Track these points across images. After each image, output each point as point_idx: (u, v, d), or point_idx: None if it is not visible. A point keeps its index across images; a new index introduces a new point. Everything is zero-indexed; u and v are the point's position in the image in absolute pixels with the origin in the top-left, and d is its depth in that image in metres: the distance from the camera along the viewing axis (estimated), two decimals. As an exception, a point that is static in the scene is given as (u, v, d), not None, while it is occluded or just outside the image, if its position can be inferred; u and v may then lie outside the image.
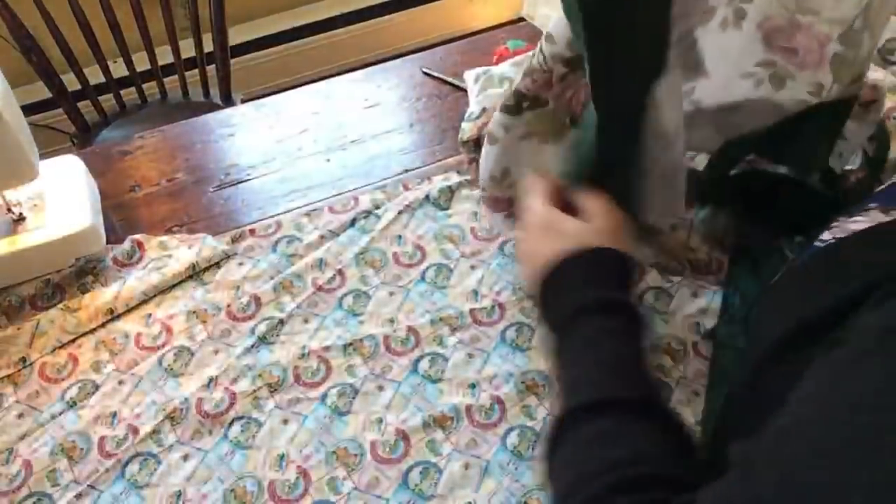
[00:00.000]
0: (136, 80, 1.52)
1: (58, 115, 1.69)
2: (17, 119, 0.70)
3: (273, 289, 0.74)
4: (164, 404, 0.65)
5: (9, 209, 0.77)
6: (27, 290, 0.75)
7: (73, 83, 1.45)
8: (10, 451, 0.62)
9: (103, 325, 0.72)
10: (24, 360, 0.69)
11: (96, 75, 1.47)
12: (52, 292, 0.75)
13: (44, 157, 0.76)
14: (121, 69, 1.49)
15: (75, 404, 0.66)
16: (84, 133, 1.52)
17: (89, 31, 1.40)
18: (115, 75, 1.50)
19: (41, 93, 1.52)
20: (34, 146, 0.73)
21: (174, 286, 0.75)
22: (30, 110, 1.75)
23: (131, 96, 1.56)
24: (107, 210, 0.84)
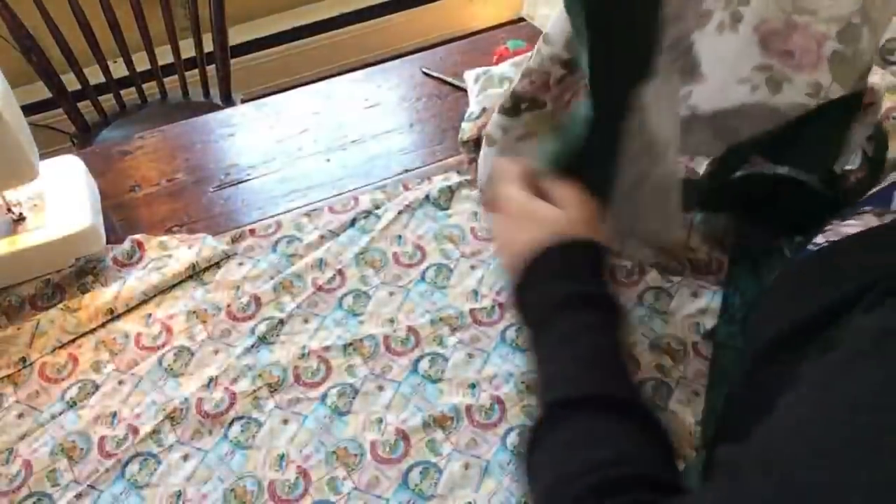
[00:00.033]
0: (136, 80, 1.52)
1: (58, 115, 1.69)
2: (17, 119, 0.70)
3: (273, 289, 0.74)
4: (164, 404, 0.65)
5: (9, 209, 0.77)
6: (27, 290, 0.75)
7: (73, 83, 1.45)
8: (10, 451, 0.62)
9: (103, 325, 0.72)
10: (24, 360, 0.69)
11: (96, 75, 1.47)
12: (52, 292, 0.75)
13: (44, 157, 0.76)
14: (121, 69, 1.49)
15: (75, 404, 0.66)
16: (84, 133, 1.52)
17: (89, 31, 1.40)
18: (115, 75, 1.50)
19: (41, 93, 1.52)
20: (34, 146, 0.73)
21: (174, 286, 0.75)
22: (30, 110, 1.75)
23: (131, 96, 1.56)
24: (107, 210, 0.84)
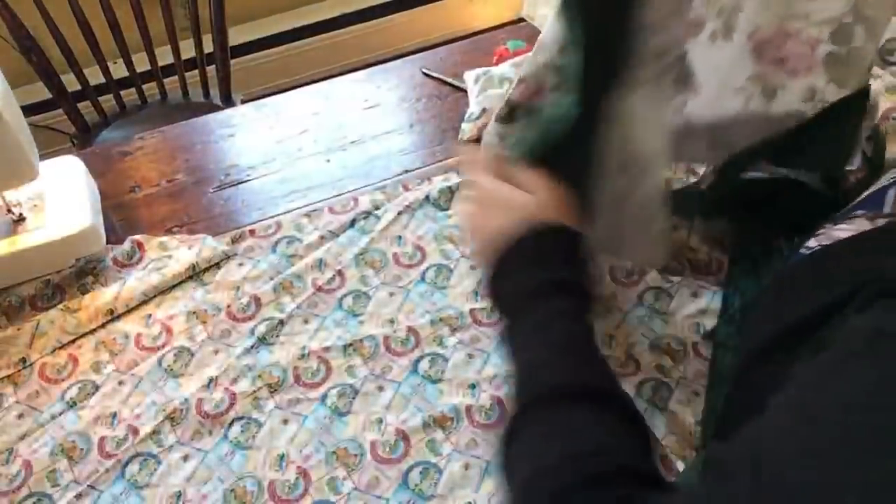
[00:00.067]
0: (136, 80, 1.52)
1: (58, 116, 1.69)
2: (17, 119, 0.70)
3: (273, 289, 0.74)
4: (164, 405, 0.65)
5: (9, 209, 0.77)
6: (27, 291, 0.75)
7: (73, 83, 1.45)
8: (10, 451, 0.62)
9: (103, 326, 0.72)
10: (24, 361, 0.69)
11: (96, 76, 1.47)
12: (52, 293, 0.75)
13: (44, 157, 0.76)
14: (121, 70, 1.49)
15: (75, 405, 0.66)
16: (84, 133, 1.52)
17: (89, 31, 1.40)
18: (115, 76, 1.50)
19: (41, 93, 1.52)
20: (34, 146, 0.73)
21: (174, 287, 0.75)
22: (30, 110, 1.75)
23: (131, 97, 1.56)
24: (107, 210, 0.84)
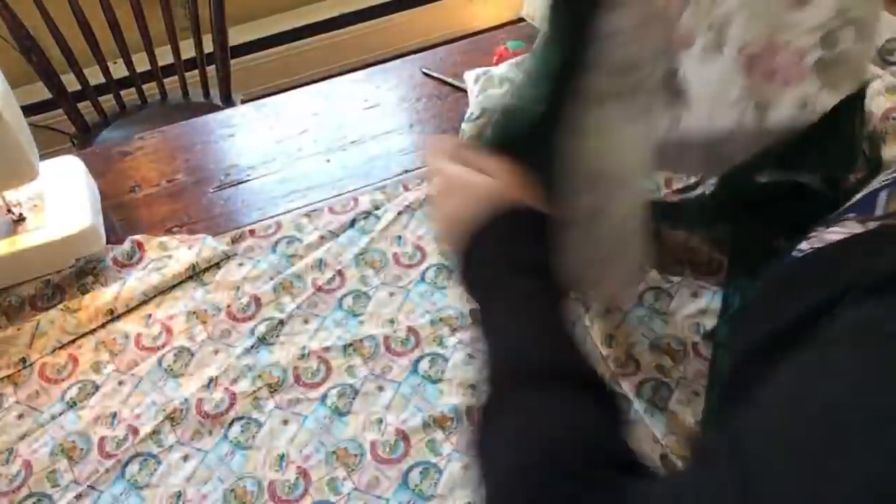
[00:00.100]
0: (136, 80, 1.52)
1: (58, 116, 1.69)
2: (17, 119, 0.70)
3: (273, 289, 0.74)
4: (164, 405, 0.65)
5: (9, 209, 0.77)
6: (27, 291, 0.75)
7: (73, 83, 1.45)
8: (10, 451, 0.62)
9: (103, 326, 0.72)
10: (24, 361, 0.69)
11: (96, 76, 1.47)
12: (52, 293, 0.75)
13: (44, 157, 0.76)
14: (121, 70, 1.49)
15: (75, 405, 0.66)
16: (84, 133, 1.52)
17: (89, 31, 1.40)
18: (115, 76, 1.50)
19: (41, 93, 1.52)
20: (34, 146, 0.73)
21: (174, 287, 0.75)
22: (30, 110, 1.74)
23: (131, 97, 1.56)
24: (107, 210, 0.84)
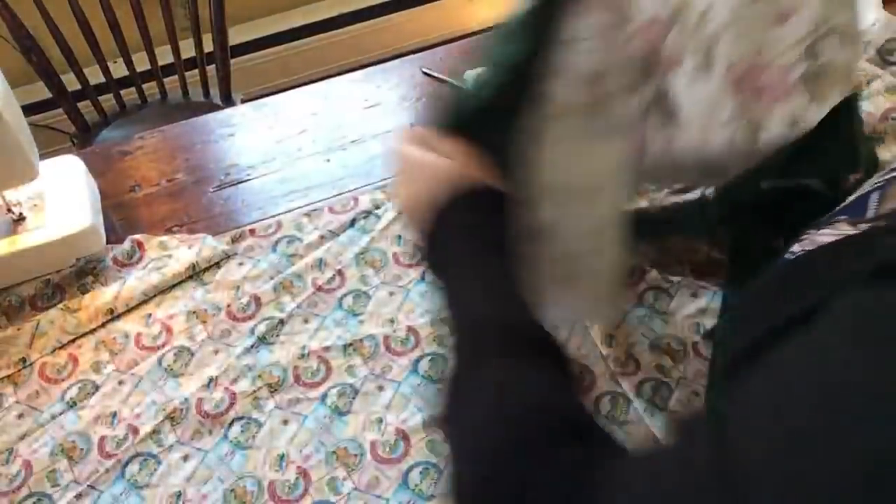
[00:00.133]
0: (136, 80, 1.52)
1: (58, 115, 1.68)
2: (17, 119, 0.70)
3: (273, 289, 0.74)
4: (164, 404, 0.65)
5: (9, 209, 0.77)
6: (27, 291, 0.75)
7: (73, 83, 1.45)
8: (10, 451, 0.62)
9: (103, 326, 0.72)
10: (24, 361, 0.69)
11: (96, 75, 1.47)
12: (52, 292, 0.75)
13: (44, 157, 0.76)
14: (121, 69, 1.49)
15: (75, 404, 0.66)
16: (84, 133, 1.52)
17: (89, 31, 1.40)
18: (115, 75, 1.49)
19: (41, 93, 1.52)
20: (34, 146, 0.73)
21: (174, 286, 0.75)
22: (30, 110, 1.74)
23: (131, 96, 1.55)
24: (107, 210, 0.84)
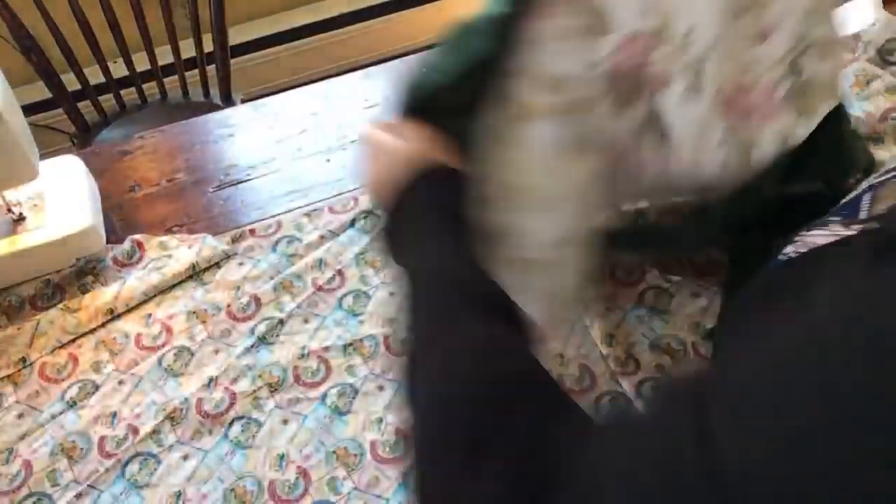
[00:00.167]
0: (136, 80, 1.52)
1: (58, 115, 1.69)
2: (17, 119, 0.70)
3: (273, 289, 0.74)
4: (164, 404, 0.65)
5: (9, 209, 0.77)
6: (27, 290, 0.75)
7: (73, 83, 1.45)
8: (10, 451, 0.62)
9: (103, 325, 0.72)
10: (24, 360, 0.69)
11: (96, 75, 1.47)
12: (52, 292, 0.75)
13: (44, 157, 0.76)
14: (121, 69, 1.49)
15: (75, 404, 0.66)
16: (84, 133, 1.52)
17: (89, 31, 1.40)
18: (115, 75, 1.50)
19: (41, 93, 1.52)
20: (34, 146, 0.73)
21: (174, 286, 0.75)
22: (30, 110, 1.74)
23: (131, 96, 1.56)
24: (107, 210, 0.84)
